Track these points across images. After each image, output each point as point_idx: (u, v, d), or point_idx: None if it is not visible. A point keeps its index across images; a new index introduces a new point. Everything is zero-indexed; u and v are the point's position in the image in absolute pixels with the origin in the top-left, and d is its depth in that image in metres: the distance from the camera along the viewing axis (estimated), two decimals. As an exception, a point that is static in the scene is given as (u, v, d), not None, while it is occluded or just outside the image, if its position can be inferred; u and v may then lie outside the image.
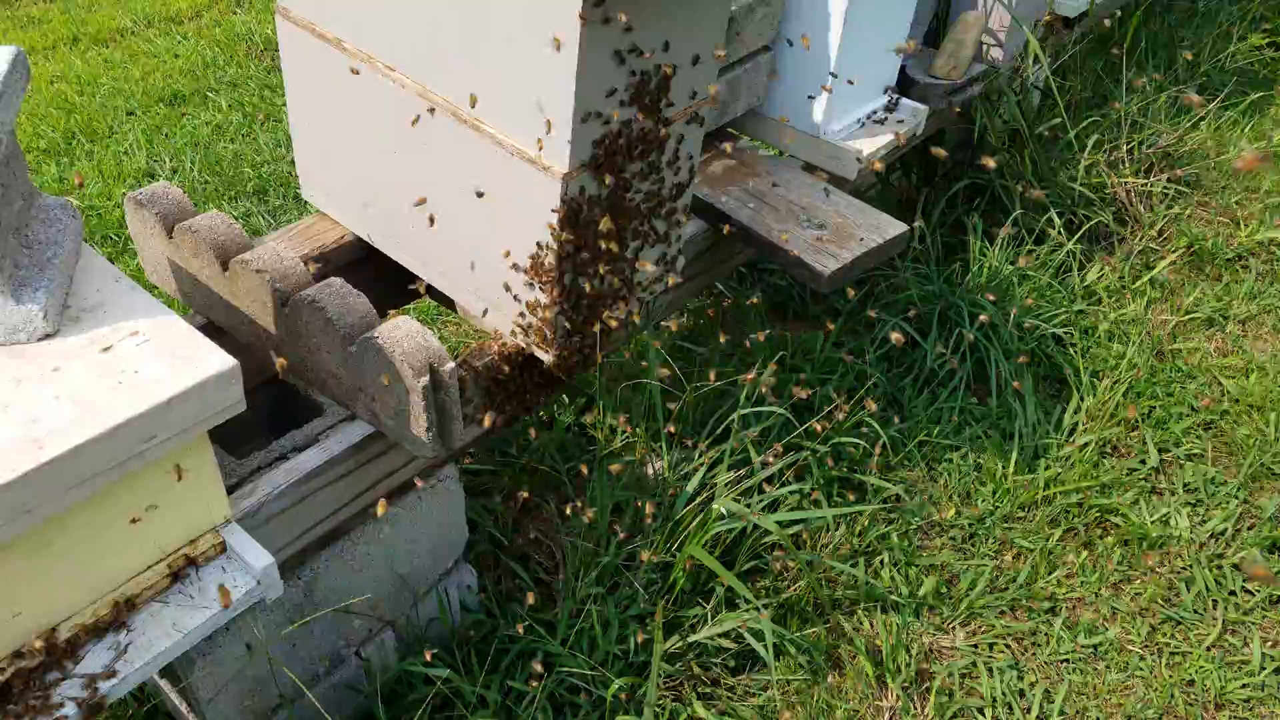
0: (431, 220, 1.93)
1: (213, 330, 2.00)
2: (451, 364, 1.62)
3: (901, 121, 2.68)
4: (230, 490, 1.64)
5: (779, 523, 2.19)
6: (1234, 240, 3.57)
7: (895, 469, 2.63)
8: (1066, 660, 2.27)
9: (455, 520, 2.04)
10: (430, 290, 2.05)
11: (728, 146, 2.50)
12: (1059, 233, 3.21)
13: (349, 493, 1.78)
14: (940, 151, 2.53)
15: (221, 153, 3.76)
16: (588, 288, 1.87)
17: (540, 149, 1.67)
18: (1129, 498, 2.61)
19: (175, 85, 4.28)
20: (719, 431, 2.46)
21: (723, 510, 2.12)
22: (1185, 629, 2.35)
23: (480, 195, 1.82)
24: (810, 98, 2.50)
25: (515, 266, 1.84)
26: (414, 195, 1.94)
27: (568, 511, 2.21)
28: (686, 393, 2.47)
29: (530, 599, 2.02)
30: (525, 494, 2.15)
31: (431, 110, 1.78)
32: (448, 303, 2.13)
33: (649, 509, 2.08)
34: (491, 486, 2.47)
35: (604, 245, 1.84)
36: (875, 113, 2.68)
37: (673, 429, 2.34)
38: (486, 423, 1.84)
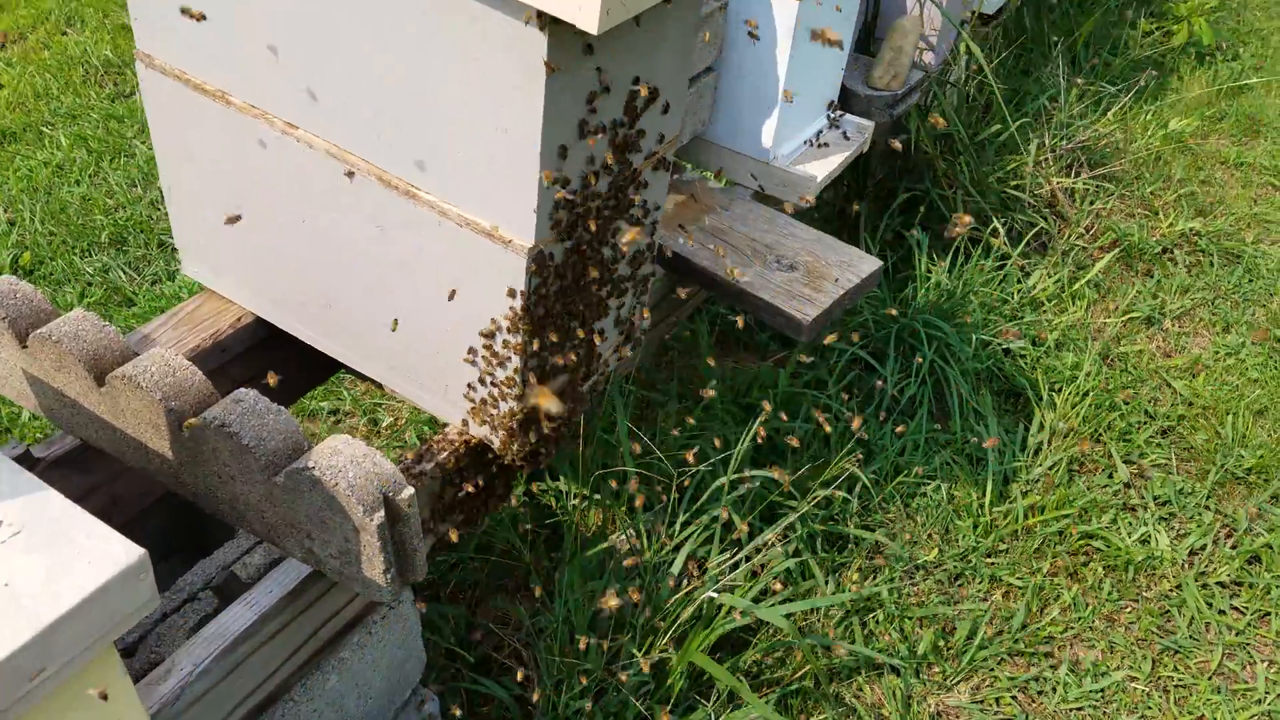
0: (354, 304, 1.60)
1: (90, 454, 1.62)
2: (409, 490, 1.30)
3: (848, 139, 2.46)
4: (138, 675, 1.28)
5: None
6: (1156, 231, 3.49)
7: (872, 511, 2.40)
8: (1076, 707, 2.08)
9: (411, 646, 1.71)
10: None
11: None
12: (1004, 242, 3.05)
13: (285, 649, 1.44)
14: (896, 144, 2.32)
15: (66, 198, 3.25)
16: (550, 366, 1.56)
17: (498, 220, 1.36)
18: (1107, 519, 2.46)
19: (2, 121, 3.71)
20: (690, 491, 2.19)
21: (724, 604, 1.85)
22: (1184, 657, 2.20)
23: (417, 273, 1.50)
24: (758, 121, 2.24)
25: (471, 352, 1.52)
26: (331, 273, 1.60)
27: (534, 611, 1.91)
28: (654, 452, 2.18)
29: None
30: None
31: (350, 174, 1.45)
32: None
33: (634, 596, 1.79)
34: (438, 582, 2.14)
35: (569, 323, 1.54)
36: (820, 132, 2.44)
37: (641, 501, 2.05)
38: (454, 537, 1.53)
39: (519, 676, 1.78)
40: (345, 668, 1.59)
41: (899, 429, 2.27)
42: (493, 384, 1.54)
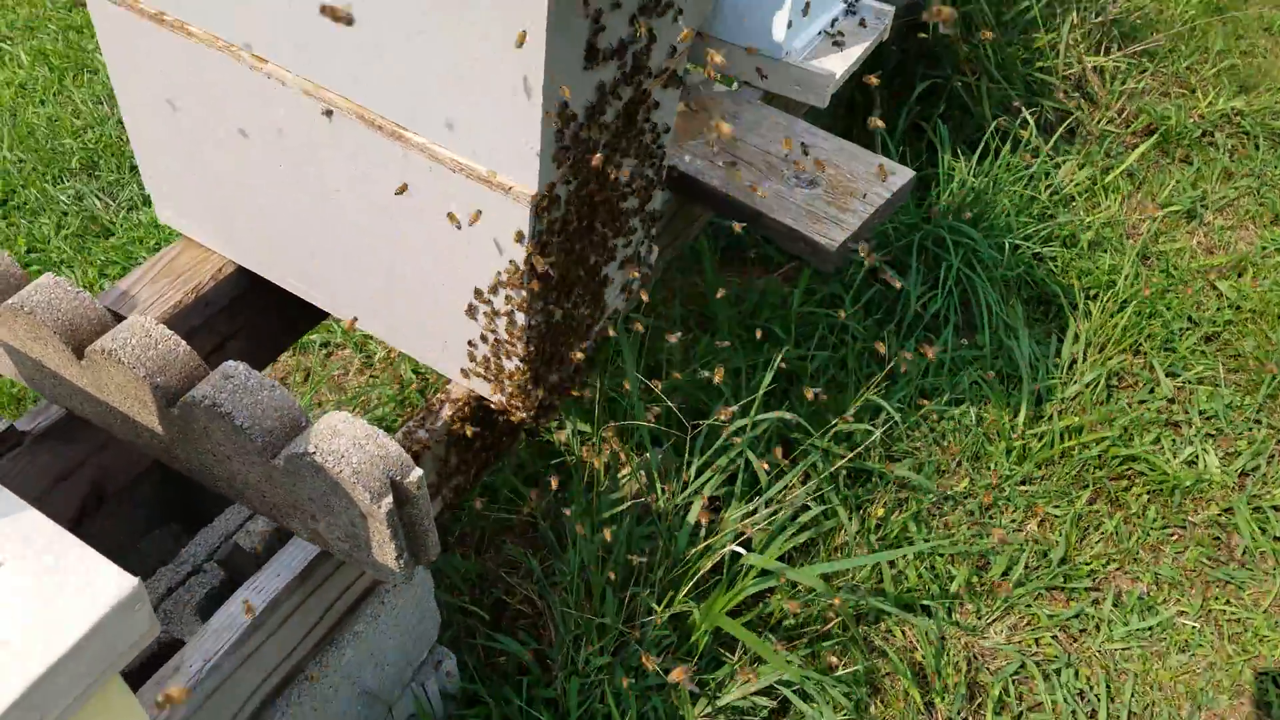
0: (340, 255, 1.53)
1: (76, 423, 1.57)
2: (417, 472, 1.26)
3: (865, 27, 2.35)
4: (146, 660, 1.27)
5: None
6: (1195, 112, 3.40)
7: (897, 438, 2.39)
8: (1123, 646, 2.11)
9: (426, 608, 1.70)
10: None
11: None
12: (1033, 134, 2.97)
13: (298, 632, 1.43)
14: (947, 13, 2.20)
15: (33, 120, 3.12)
16: (558, 317, 1.52)
17: (496, 164, 1.29)
18: (1149, 440, 2.45)
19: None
20: (703, 429, 2.17)
21: (750, 563, 1.84)
22: (1237, 589, 2.22)
23: (407, 222, 1.43)
24: (767, 12, 2.13)
25: (470, 308, 1.47)
26: (313, 222, 1.53)
27: (542, 556, 1.90)
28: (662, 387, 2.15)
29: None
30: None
31: (328, 113, 1.37)
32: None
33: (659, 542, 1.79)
34: (444, 528, 2.13)
35: (575, 271, 1.48)
36: (835, 20, 2.33)
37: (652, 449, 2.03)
38: (478, 505, 1.50)
39: (534, 633, 1.79)
40: (360, 640, 1.58)
41: (925, 349, 2.22)
42: (495, 340, 1.49)
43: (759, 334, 2.04)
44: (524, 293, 1.39)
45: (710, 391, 2.29)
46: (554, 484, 1.76)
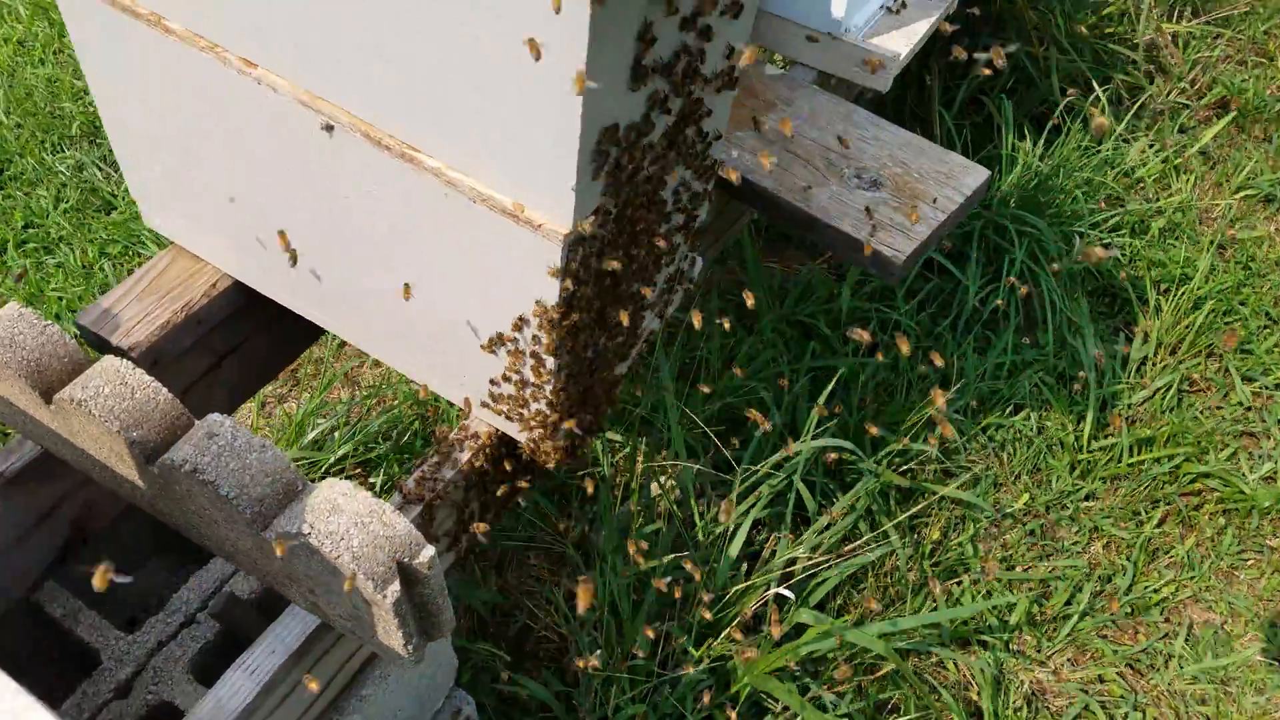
0: (348, 280, 1.35)
1: (54, 460, 1.41)
2: (429, 551, 1.09)
3: None
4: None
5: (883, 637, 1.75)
6: (1275, 83, 3.13)
7: (953, 450, 2.20)
8: (1193, 684, 1.94)
9: (443, 655, 1.55)
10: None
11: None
12: (1104, 111, 2.72)
13: (298, 709, 1.27)
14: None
15: (31, 80, 2.93)
16: (589, 355, 1.33)
17: (524, 197, 1.10)
18: (1225, 455, 2.25)
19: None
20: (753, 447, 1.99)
21: (805, 621, 1.68)
22: (1319, 622, 2.04)
23: (420, 252, 1.25)
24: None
25: (491, 345, 1.29)
26: (316, 242, 1.34)
27: (575, 593, 1.74)
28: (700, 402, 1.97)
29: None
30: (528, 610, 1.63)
31: (328, 128, 1.17)
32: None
33: (690, 570, 1.61)
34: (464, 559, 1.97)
35: (611, 307, 1.30)
36: (897, -7, 2.10)
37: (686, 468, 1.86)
38: (482, 531, 1.35)
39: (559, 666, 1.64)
40: (369, 703, 1.43)
41: (934, 356, 1.95)
42: (520, 380, 1.31)
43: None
44: (553, 335, 1.21)
45: (752, 398, 2.10)
46: (587, 495, 1.58)
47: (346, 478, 1.77)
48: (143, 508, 1.30)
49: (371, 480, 2.05)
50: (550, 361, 1.24)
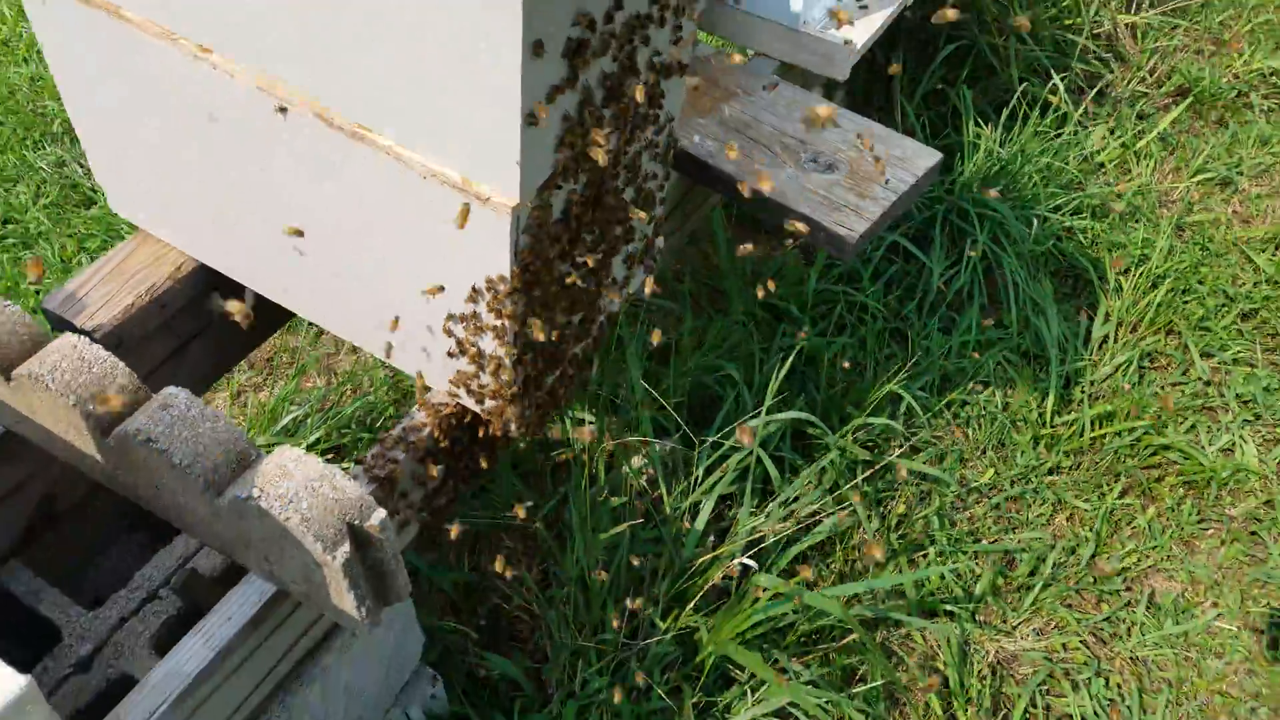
0: (309, 260, 1.34)
1: (17, 438, 1.40)
2: (380, 514, 1.08)
3: (887, -11, 2.11)
4: (93, 695, 1.11)
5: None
6: (1230, 71, 3.13)
7: (918, 426, 2.19)
8: (1156, 651, 1.93)
9: (408, 629, 1.54)
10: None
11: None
12: (1064, 100, 2.72)
13: (253, 679, 1.26)
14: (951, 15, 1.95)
15: (14, 80, 2.91)
16: (550, 336, 1.32)
17: (471, 171, 1.09)
18: (1184, 428, 2.25)
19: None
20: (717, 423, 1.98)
21: (763, 584, 1.67)
22: (1277, 588, 2.03)
23: (376, 230, 1.24)
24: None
25: (450, 319, 1.28)
26: (276, 224, 1.33)
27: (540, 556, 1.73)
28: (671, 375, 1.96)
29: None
30: (499, 564, 1.60)
31: (282, 110, 1.16)
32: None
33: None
34: (435, 537, 1.96)
35: (567, 279, 1.29)
36: (856, -17, 2.10)
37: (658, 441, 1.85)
38: (454, 534, 1.34)
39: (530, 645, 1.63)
40: (329, 674, 1.42)
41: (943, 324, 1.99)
42: (478, 352, 1.30)
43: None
44: (507, 306, 1.20)
45: (722, 379, 2.09)
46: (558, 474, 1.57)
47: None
48: (103, 481, 1.29)
49: (344, 465, 2.04)
50: (508, 327, 1.23)
